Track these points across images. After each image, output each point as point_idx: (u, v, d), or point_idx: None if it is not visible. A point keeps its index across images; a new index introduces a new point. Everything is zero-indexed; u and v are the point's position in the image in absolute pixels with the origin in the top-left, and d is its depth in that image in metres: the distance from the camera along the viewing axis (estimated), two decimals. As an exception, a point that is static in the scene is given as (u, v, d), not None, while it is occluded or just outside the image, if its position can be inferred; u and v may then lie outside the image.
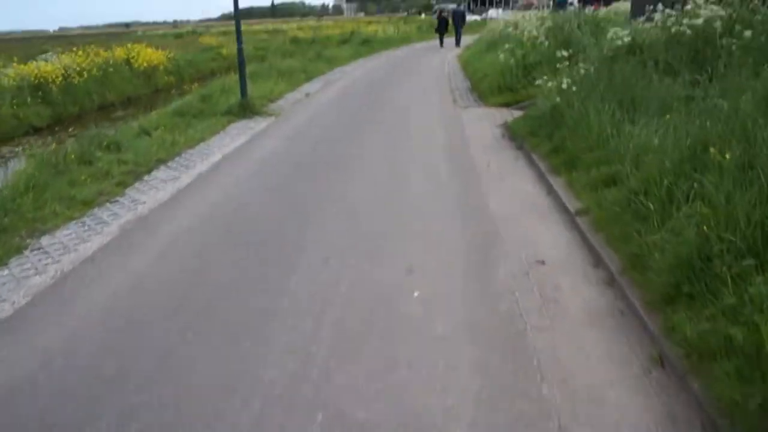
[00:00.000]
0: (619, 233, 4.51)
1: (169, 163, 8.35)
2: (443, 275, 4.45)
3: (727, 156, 3.99)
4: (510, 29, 16.89)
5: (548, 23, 13.16)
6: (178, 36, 47.49)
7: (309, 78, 17.67)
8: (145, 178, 7.68)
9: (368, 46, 28.20)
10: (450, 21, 30.30)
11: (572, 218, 5.39)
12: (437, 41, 30.61)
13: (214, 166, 8.22)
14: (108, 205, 6.64)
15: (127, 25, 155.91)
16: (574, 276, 4.37)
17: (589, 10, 20.45)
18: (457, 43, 28.17)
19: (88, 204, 6.57)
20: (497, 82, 12.03)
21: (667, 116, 5.77)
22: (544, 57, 11.43)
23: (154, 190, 7.15)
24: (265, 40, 36.73)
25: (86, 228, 5.93)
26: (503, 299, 4.05)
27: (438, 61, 21.04)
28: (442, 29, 29.18)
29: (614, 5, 28.90)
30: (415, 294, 4.16)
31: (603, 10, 20.78)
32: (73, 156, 7.93)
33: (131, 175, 7.67)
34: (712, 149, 4.15)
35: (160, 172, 7.94)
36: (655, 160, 4.86)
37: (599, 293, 4.10)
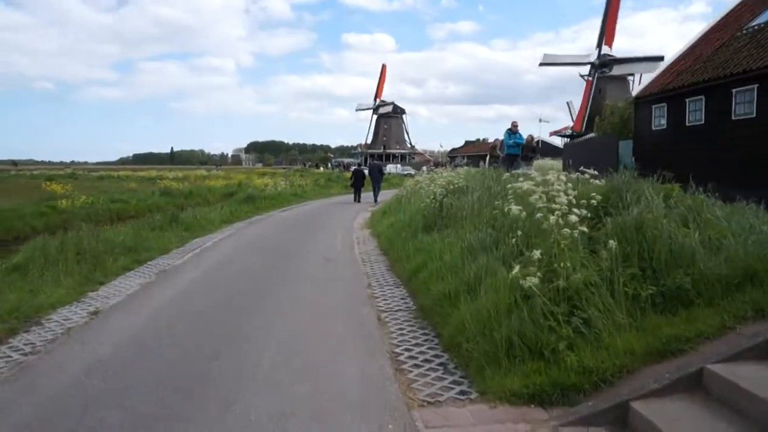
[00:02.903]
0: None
1: None
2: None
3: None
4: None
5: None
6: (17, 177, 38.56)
7: (129, 266, 9.95)
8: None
9: (251, 204, 21.01)
10: (367, 175, 26.82)
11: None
12: (336, 198, 27.65)
13: None
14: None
15: (14, 162, 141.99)
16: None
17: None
18: (376, 199, 24.09)
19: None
20: (499, 326, 4.92)
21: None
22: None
23: None
24: (130, 192, 28.80)
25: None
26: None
27: (344, 240, 13.85)
28: (358, 183, 25.60)
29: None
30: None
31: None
32: None
33: None
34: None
35: None
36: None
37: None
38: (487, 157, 19.67)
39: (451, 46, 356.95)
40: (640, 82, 52.33)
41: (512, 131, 15.51)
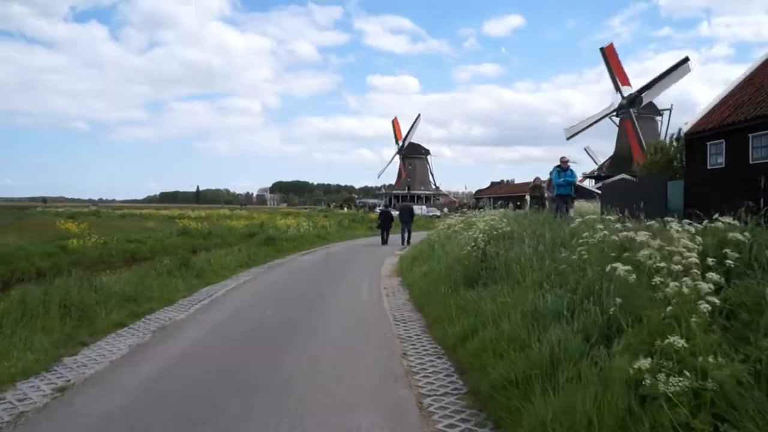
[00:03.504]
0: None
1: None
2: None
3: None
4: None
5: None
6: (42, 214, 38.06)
7: (123, 321, 8.56)
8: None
9: (271, 246, 19.67)
10: (396, 217, 25.84)
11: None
12: (361, 240, 27.01)
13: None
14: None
15: (44, 199, 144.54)
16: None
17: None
18: (406, 241, 22.56)
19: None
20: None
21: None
22: None
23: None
24: (147, 232, 27.76)
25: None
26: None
27: (371, 290, 12.35)
28: (385, 225, 24.38)
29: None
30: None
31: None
32: None
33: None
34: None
35: None
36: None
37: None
38: (528, 198, 18.09)
39: (475, 88, 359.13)
40: (669, 123, 50.94)
41: (562, 168, 13.91)
